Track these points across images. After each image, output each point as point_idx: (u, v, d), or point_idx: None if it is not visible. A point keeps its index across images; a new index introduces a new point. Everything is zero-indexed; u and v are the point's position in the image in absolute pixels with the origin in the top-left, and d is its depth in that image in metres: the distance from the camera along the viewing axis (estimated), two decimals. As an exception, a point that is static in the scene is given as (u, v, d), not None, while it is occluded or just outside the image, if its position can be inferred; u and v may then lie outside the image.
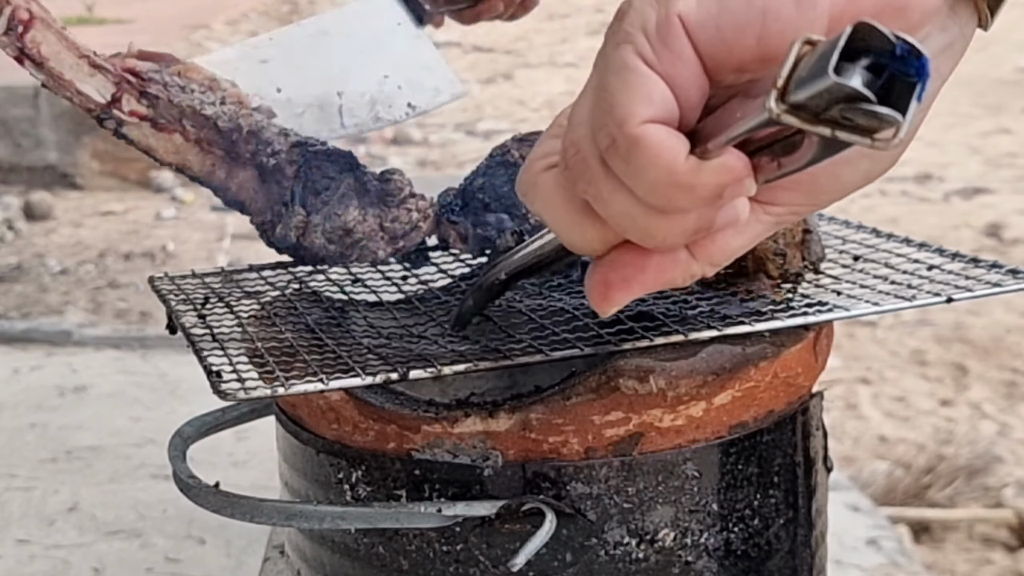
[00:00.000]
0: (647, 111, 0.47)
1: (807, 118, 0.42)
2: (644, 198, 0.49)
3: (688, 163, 0.47)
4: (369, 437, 0.71)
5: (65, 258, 3.32)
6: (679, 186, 0.47)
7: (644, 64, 0.48)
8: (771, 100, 0.42)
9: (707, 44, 0.48)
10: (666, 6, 0.48)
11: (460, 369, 0.67)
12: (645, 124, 0.47)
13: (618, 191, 0.49)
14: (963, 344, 2.77)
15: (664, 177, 0.47)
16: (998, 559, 1.94)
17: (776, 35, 0.47)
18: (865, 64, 0.41)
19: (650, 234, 0.50)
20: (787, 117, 0.42)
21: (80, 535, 1.50)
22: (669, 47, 0.47)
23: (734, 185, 0.48)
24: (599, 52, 0.51)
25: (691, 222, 0.50)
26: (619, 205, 0.50)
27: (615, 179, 0.49)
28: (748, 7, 0.47)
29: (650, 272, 0.53)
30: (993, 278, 0.78)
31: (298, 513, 0.70)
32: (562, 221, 0.53)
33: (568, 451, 0.68)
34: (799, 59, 0.42)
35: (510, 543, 0.68)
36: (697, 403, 0.69)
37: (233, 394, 0.66)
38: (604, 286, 0.54)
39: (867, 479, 2.09)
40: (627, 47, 0.48)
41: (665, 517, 0.69)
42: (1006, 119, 4.82)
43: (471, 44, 6.57)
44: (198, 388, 0.70)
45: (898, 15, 0.49)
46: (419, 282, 0.86)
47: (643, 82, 0.47)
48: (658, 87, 0.47)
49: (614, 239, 0.53)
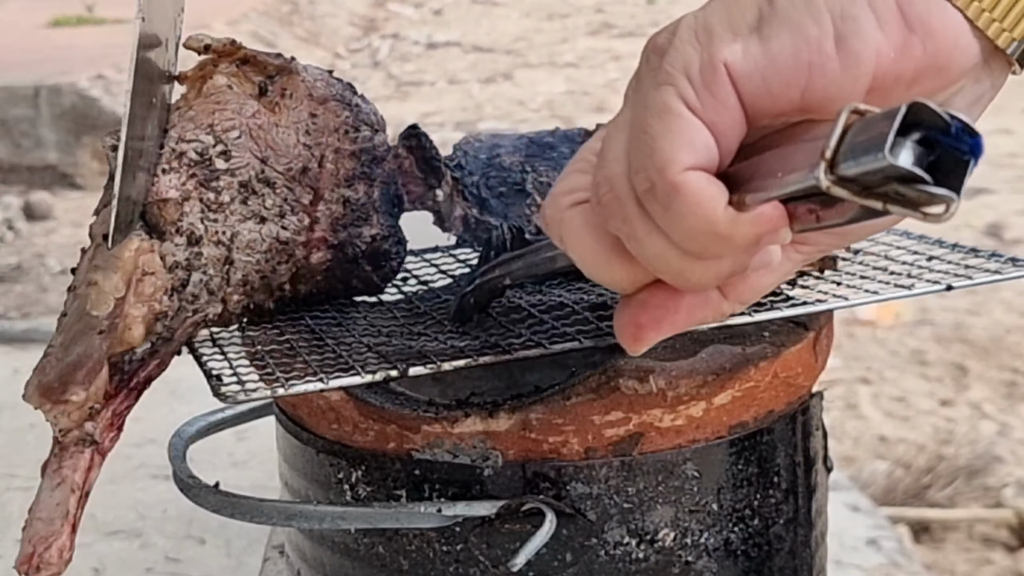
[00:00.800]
0: (689, 158, 0.47)
1: (857, 191, 0.42)
2: (680, 243, 0.49)
3: (727, 213, 0.47)
4: (369, 437, 0.71)
5: (65, 258, 3.32)
6: (717, 235, 0.48)
7: (687, 109, 0.47)
8: (820, 171, 0.42)
9: (752, 94, 0.48)
10: (710, 51, 0.48)
11: (460, 365, 0.67)
12: (686, 171, 0.47)
13: (653, 233, 0.49)
14: (963, 344, 2.77)
15: (703, 226, 0.47)
16: (998, 559, 1.94)
17: (820, 90, 0.48)
18: (916, 138, 0.41)
19: (684, 277, 0.50)
20: (837, 189, 0.42)
21: (80, 535, 1.49)
22: (714, 94, 0.47)
23: (770, 235, 0.48)
24: (634, 87, 0.50)
25: (725, 266, 0.50)
26: (654, 247, 0.49)
27: (651, 221, 0.49)
28: (795, 61, 0.47)
29: (681, 313, 0.53)
30: (992, 266, 0.78)
31: (298, 513, 0.70)
32: (591, 259, 0.53)
33: (568, 451, 0.68)
34: (847, 128, 0.42)
35: (510, 543, 0.68)
36: (697, 403, 0.69)
37: (233, 396, 0.66)
38: (635, 327, 0.54)
39: (867, 479, 2.10)
40: (669, 89, 0.48)
41: (665, 517, 0.69)
42: (1006, 119, 4.82)
43: (471, 44, 6.57)
44: (198, 388, 0.70)
45: (938, 74, 0.49)
46: (419, 282, 0.86)
47: (686, 128, 0.47)
48: (701, 134, 0.47)
49: (644, 278, 0.52)
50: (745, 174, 0.48)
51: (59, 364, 0.66)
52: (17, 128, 3.95)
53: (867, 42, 0.47)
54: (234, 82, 0.75)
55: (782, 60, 0.47)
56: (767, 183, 0.46)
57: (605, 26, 6.70)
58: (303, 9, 6.87)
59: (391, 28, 7.41)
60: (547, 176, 0.85)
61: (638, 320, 0.53)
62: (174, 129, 0.73)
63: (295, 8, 6.75)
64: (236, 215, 0.73)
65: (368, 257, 0.78)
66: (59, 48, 4.79)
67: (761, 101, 0.48)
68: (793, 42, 0.47)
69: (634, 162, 0.49)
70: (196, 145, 0.72)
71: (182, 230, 0.71)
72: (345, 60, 6.40)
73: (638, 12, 6.90)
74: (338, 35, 7.02)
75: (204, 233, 0.72)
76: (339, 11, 7.57)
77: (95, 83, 3.95)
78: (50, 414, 0.66)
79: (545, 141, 0.88)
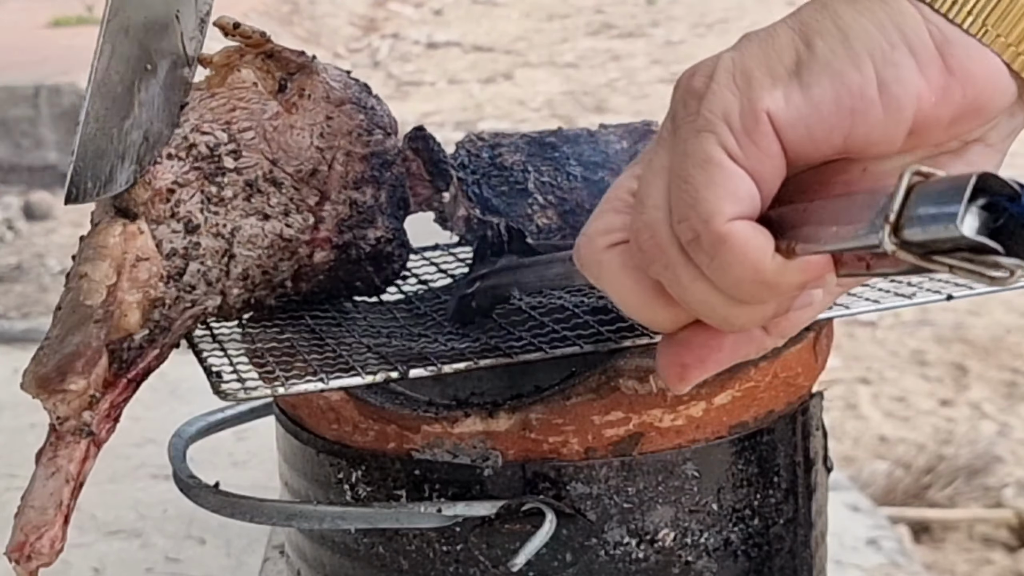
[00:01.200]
0: (734, 208, 0.47)
1: (922, 255, 0.42)
2: (726, 291, 0.48)
3: (774, 262, 0.47)
4: (369, 437, 0.71)
5: (65, 258, 3.32)
6: (764, 283, 0.48)
7: (729, 159, 0.47)
8: (885, 235, 0.42)
9: (794, 142, 0.48)
10: (750, 97, 0.47)
11: (460, 367, 0.67)
12: (732, 222, 0.47)
13: (698, 280, 0.49)
14: (963, 344, 2.77)
15: (750, 275, 0.47)
16: (998, 559, 1.94)
17: (862, 135, 0.48)
18: (981, 204, 0.41)
19: (729, 322, 0.50)
20: (903, 254, 0.42)
21: (80, 535, 1.50)
22: (756, 143, 0.47)
23: (817, 281, 0.48)
24: (670, 129, 0.50)
25: (770, 310, 0.50)
26: (698, 293, 0.49)
27: (695, 268, 0.49)
28: (838, 108, 0.47)
29: (725, 351, 0.53)
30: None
31: (298, 513, 0.70)
32: (632, 302, 0.53)
33: (568, 451, 0.68)
34: (910, 190, 0.42)
35: (510, 543, 0.68)
36: (697, 403, 0.69)
37: (233, 394, 0.66)
38: (680, 367, 0.53)
39: (867, 479, 2.10)
40: (710, 137, 0.48)
41: (665, 517, 0.69)
42: (1006, 119, 4.82)
43: (471, 44, 6.57)
44: (198, 388, 0.70)
45: (976, 115, 0.49)
46: (419, 282, 0.86)
47: (729, 179, 0.47)
48: (744, 184, 0.47)
49: (686, 319, 0.52)
50: (790, 219, 0.48)
51: (56, 354, 0.66)
52: (17, 128, 3.95)
53: (909, 88, 0.47)
54: (259, 77, 0.75)
55: (825, 108, 0.47)
56: (820, 234, 0.46)
57: (605, 26, 6.70)
58: (303, 9, 6.87)
59: (391, 28, 7.40)
60: (548, 176, 0.85)
61: (683, 360, 0.53)
62: (192, 114, 0.73)
63: (295, 8, 6.75)
64: (238, 210, 0.73)
65: (371, 259, 0.78)
66: (59, 48, 4.79)
67: (803, 148, 0.48)
68: (835, 89, 0.47)
69: (676, 211, 0.48)
70: (209, 139, 0.72)
71: (179, 216, 0.71)
72: (345, 60, 6.40)
73: (638, 12, 6.90)
74: (338, 35, 7.02)
75: (203, 223, 0.71)
76: (339, 11, 7.57)
77: (95, 83, 3.95)
78: (48, 402, 0.66)
79: (547, 141, 0.88)
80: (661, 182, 0.50)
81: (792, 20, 0.49)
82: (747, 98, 0.48)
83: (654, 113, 2.14)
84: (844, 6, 0.49)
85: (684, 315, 0.52)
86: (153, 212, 0.70)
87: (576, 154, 0.87)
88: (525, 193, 0.85)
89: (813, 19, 0.49)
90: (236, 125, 0.73)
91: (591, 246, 0.53)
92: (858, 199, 0.45)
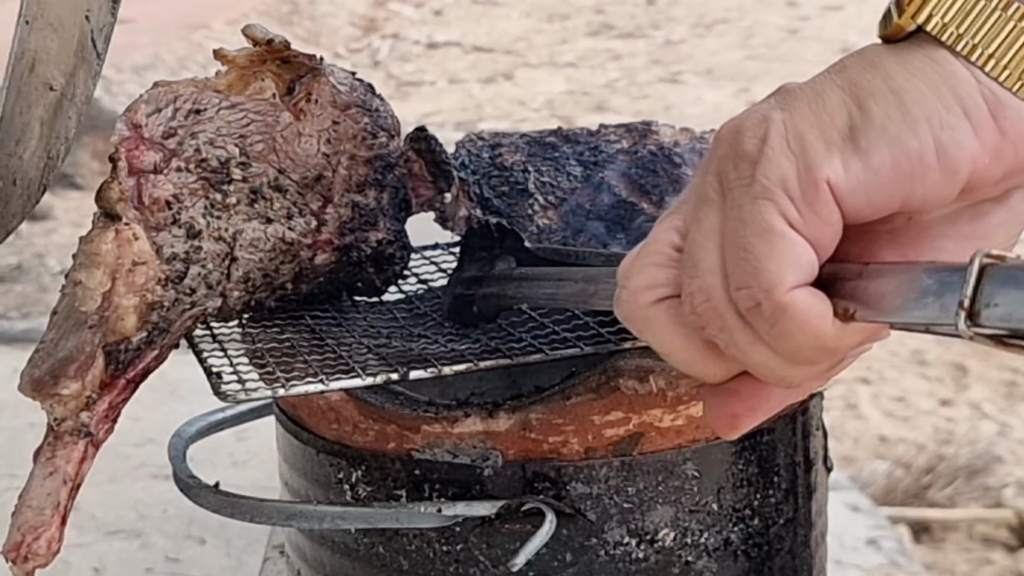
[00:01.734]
0: (795, 278, 0.47)
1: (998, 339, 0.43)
2: (785, 356, 0.49)
3: (834, 328, 0.47)
4: (369, 437, 0.71)
5: (65, 258, 3.32)
6: (824, 349, 0.48)
7: (790, 228, 0.47)
8: (960, 320, 0.42)
9: (854, 208, 0.48)
10: (806, 164, 0.47)
11: (461, 369, 0.67)
12: (792, 291, 0.47)
13: (756, 344, 0.49)
14: (963, 344, 2.77)
15: (811, 342, 0.48)
16: (998, 559, 1.94)
17: (919, 199, 0.48)
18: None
19: (787, 381, 0.51)
20: (980, 340, 0.42)
21: (80, 535, 1.50)
22: (817, 212, 0.47)
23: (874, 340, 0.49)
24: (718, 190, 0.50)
25: (826, 367, 0.51)
26: (756, 357, 0.49)
27: (754, 334, 0.49)
28: (897, 174, 0.47)
29: (775, 400, 0.53)
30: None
31: (298, 513, 0.70)
32: (683, 357, 0.52)
33: (568, 451, 0.68)
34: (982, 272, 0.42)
35: (510, 543, 0.68)
36: (697, 403, 0.69)
37: (234, 395, 0.66)
38: (731, 417, 0.53)
39: (867, 479, 2.09)
40: (769, 206, 0.47)
41: (665, 517, 0.69)
42: (1006, 119, 4.82)
43: (471, 44, 6.57)
44: (198, 388, 0.70)
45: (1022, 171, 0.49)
46: (419, 281, 0.86)
47: (792, 249, 0.47)
48: (806, 253, 0.47)
49: (736, 371, 0.52)
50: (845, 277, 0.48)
51: (50, 358, 0.66)
52: (17, 128, 3.95)
53: (964, 151, 0.47)
54: (277, 88, 0.75)
55: (884, 174, 0.47)
56: (882, 305, 0.47)
57: (605, 26, 6.70)
58: (303, 9, 6.87)
59: (391, 28, 7.40)
60: (549, 176, 0.85)
61: (734, 411, 0.53)
62: (209, 125, 0.72)
63: (295, 8, 6.75)
64: (241, 215, 0.73)
65: (372, 260, 0.78)
66: (59, 48, 4.78)
67: (861, 212, 0.48)
68: (894, 156, 0.47)
69: (735, 279, 0.48)
70: (221, 154, 0.72)
71: (180, 222, 0.71)
72: (345, 60, 6.40)
73: (638, 12, 6.89)
74: (338, 35, 7.02)
75: (205, 228, 0.71)
76: (339, 11, 7.57)
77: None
78: (44, 404, 0.66)
79: (547, 141, 0.88)
80: (714, 246, 0.49)
81: (839, 78, 0.49)
82: (804, 165, 0.47)
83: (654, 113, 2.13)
84: (895, 67, 0.48)
85: (735, 367, 0.52)
86: (152, 220, 0.70)
87: (576, 154, 0.87)
88: (525, 194, 0.85)
89: (863, 79, 0.48)
90: (249, 139, 0.73)
91: (635, 302, 0.53)
92: (921, 273, 0.45)
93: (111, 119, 3.47)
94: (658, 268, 0.52)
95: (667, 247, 0.52)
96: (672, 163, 0.85)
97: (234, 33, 5.89)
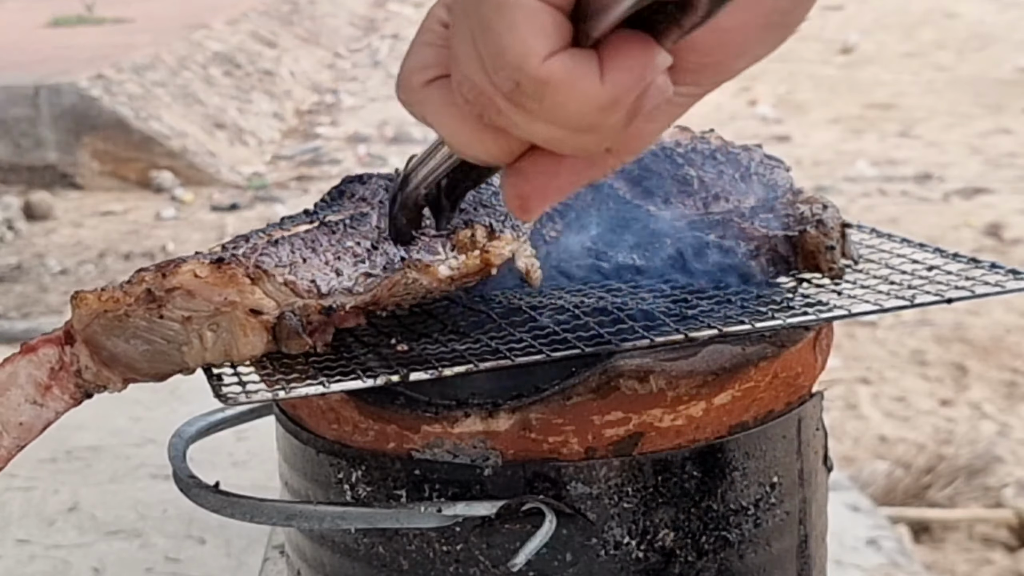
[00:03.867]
0: (543, 46, 0.44)
1: None
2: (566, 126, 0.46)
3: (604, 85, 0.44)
4: (369, 437, 0.71)
5: (65, 258, 3.32)
6: (603, 109, 0.45)
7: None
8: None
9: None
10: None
11: (461, 370, 0.67)
12: (548, 61, 0.44)
13: (535, 122, 0.46)
14: (963, 344, 2.77)
15: (587, 107, 0.45)
16: (998, 559, 1.94)
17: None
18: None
19: (585, 150, 0.48)
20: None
21: (80, 535, 1.50)
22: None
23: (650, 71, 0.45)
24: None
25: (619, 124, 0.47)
26: (541, 133, 0.47)
27: (528, 112, 0.46)
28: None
29: (564, 178, 0.50)
30: (992, 278, 0.78)
31: (298, 513, 0.70)
32: (460, 138, 0.50)
33: (568, 451, 0.68)
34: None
35: (510, 543, 0.68)
36: (697, 403, 0.69)
37: (234, 398, 0.66)
38: (520, 199, 0.51)
39: (867, 479, 2.09)
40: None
41: (665, 517, 0.69)
42: (1006, 119, 4.82)
43: (471, 44, 6.56)
44: (198, 388, 0.70)
45: None
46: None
47: (529, 16, 0.44)
48: (547, 16, 0.44)
49: (519, 148, 0.50)
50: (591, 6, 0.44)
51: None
52: (17, 128, 3.95)
53: None
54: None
55: None
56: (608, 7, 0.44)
57: (605, 26, 6.70)
58: (303, 9, 6.87)
59: (391, 28, 7.40)
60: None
61: (522, 192, 0.51)
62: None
63: (295, 8, 6.75)
64: None
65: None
66: (59, 48, 4.79)
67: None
68: None
69: (489, 63, 0.46)
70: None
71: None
72: (345, 60, 6.40)
73: (638, 12, 6.89)
74: (338, 35, 7.02)
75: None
76: (339, 11, 7.57)
77: (95, 83, 3.95)
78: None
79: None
80: (467, 31, 0.46)
81: None
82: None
83: (654, 113, 2.07)
84: None
85: (516, 144, 0.49)
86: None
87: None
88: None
89: None
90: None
91: (409, 86, 0.51)
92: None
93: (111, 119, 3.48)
94: (428, 47, 0.50)
95: (436, 24, 0.50)
96: (672, 163, 0.85)
97: (234, 33, 5.89)
